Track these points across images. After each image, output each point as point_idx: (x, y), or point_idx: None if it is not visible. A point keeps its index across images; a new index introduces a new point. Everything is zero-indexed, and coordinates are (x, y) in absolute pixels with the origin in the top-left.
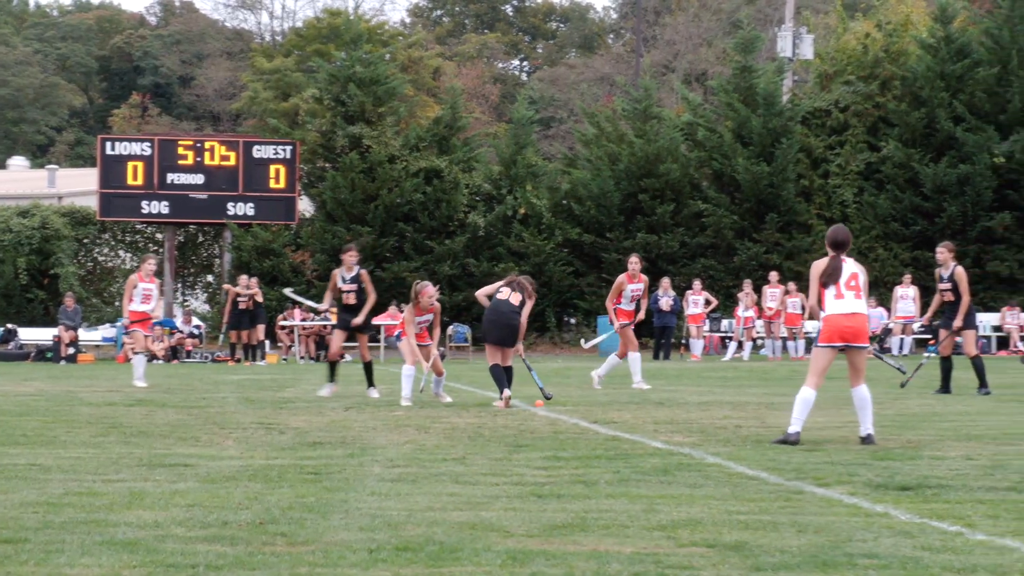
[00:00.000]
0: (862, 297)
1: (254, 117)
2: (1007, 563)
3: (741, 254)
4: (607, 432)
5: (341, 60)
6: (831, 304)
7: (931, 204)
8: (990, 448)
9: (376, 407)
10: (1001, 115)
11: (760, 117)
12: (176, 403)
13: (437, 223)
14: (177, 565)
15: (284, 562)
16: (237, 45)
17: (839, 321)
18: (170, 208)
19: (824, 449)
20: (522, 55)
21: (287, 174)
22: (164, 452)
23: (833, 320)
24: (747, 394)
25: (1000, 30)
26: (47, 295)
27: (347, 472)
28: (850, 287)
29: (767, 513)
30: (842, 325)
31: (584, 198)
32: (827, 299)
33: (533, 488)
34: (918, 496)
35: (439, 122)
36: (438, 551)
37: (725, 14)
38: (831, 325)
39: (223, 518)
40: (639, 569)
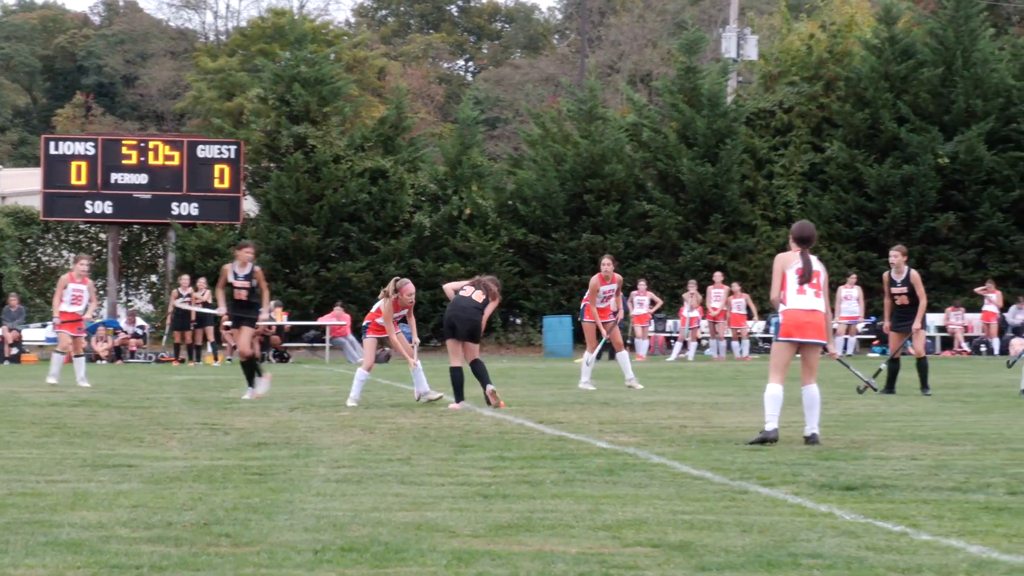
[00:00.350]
0: (821, 296)
1: (198, 117)
2: (952, 563)
3: (686, 255)
4: (553, 432)
5: (286, 60)
6: (792, 298)
7: (875, 205)
8: (934, 448)
9: (321, 407)
10: (945, 116)
11: (704, 118)
12: (120, 404)
13: (382, 223)
14: (121, 566)
15: (229, 563)
16: (181, 45)
17: (799, 316)
18: (114, 208)
19: (768, 449)
20: (467, 55)
21: (231, 174)
22: (108, 453)
23: (793, 315)
24: (692, 394)
25: (944, 31)
26: None
27: (292, 473)
28: (812, 284)
29: (712, 513)
30: (802, 320)
31: (529, 198)
32: (789, 293)
33: (479, 488)
34: (863, 496)
35: (384, 122)
36: (383, 552)
37: (670, 15)
38: (791, 319)
39: (167, 519)
40: (584, 569)
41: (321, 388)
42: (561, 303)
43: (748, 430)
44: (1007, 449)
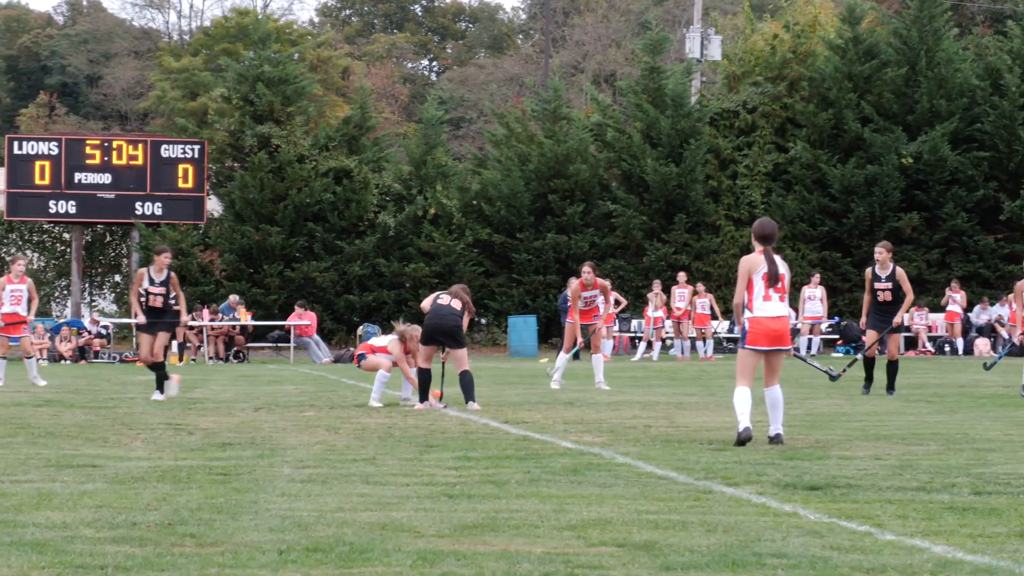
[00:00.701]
0: (786, 300)
1: (162, 116)
2: (916, 563)
3: (650, 255)
4: (517, 432)
5: (249, 60)
6: (759, 305)
7: (839, 205)
8: (899, 448)
9: (286, 407)
10: (909, 116)
11: (668, 118)
12: (84, 404)
13: (347, 223)
14: (86, 566)
15: (193, 563)
16: (145, 44)
17: (767, 324)
18: (77, 208)
19: (732, 449)
20: (431, 55)
21: (195, 174)
22: (72, 453)
23: (761, 323)
24: (656, 394)
25: (908, 31)
26: None
27: (257, 473)
28: (777, 289)
29: (676, 513)
30: (769, 328)
31: (494, 198)
32: (755, 299)
33: (443, 488)
34: (827, 496)
35: (348, 122)
36: (348, 552)
37: (633, 15)
38: (759, 328)
39: (132, 519)
40: (549, 569)
41: (286, 388)
42: (526, 303)
43: (713, 430)
44: (971, 449)
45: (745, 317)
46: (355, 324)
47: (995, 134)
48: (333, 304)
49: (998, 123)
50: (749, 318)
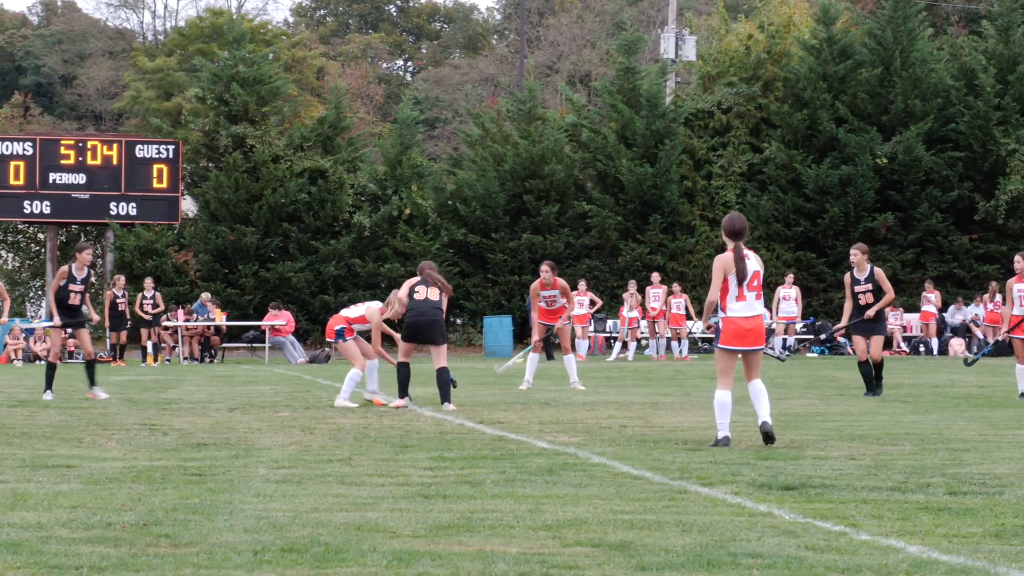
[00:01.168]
0: (761, 297)
1: (136, 117)
2: (891, 563)
3: (625, 255)
4: (493, 432)
5: (224, 60)
6: (732, 305)
7: (813, 205)
8: (873, 448)
9: (261, 408)
10: (883, 116)
11: (643, 119)
12: (58, 404)
13: (322, 223)
14: (61, 566)
15: (168, 564)
16: (119, 44)
17: (741, 325)
18: (52, 208)
19: (708, 449)
20: (406, 55)
21: (170, 174)
22: (47, 453)
23: (735, 324)
24: (632, 394)
25: (883, 31)
26: None
27: (231, 473)
28: (752, 287)
29: (652, 513)
30: (743, 329)
31: (469, 199)
32: (728, 299)
33: (419, 489)
34: (802, 496)
35: (323, 122)
36: (324, 552)
37: (608, 15)
38: (732, 328)
39: (107, 519)
40: (524, 569)
41: (261, 389)
42: (501, 303)
43: (688, 430)
44: (946, 449)
45: (719, 317)
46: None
47: (970, 134)
48: (308, 304)
49: (973, 123)
50: (723, 318)
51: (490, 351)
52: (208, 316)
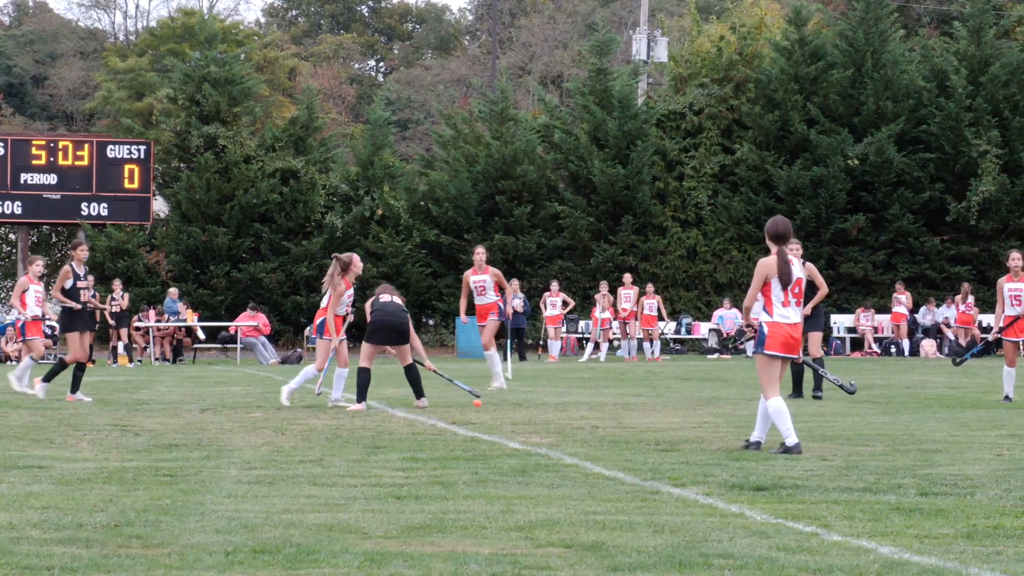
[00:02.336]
0: (801, 305)
1: (108, 117)
2: (863, 564)
3: (597, 256)
4: (465, 433)
5: (195, 60)
6: (779, 310)
7: (785, 206)
8: (845, 449)
9: (233, 408)
10: (855, 117)
11: (615, 120)
12: (30, 405)
13: (294, 224)
14: (32, 567)
15: (140, 564)
16: (91, 45)
17: (787, 331)
18: (23, 208)
19: (680, 450)
20: (378, 56)
21: (141, 174)
22: (18, 454)
23: (782, 329)
24: (604, 395)
25: (854, 32)
26: None
27: (203, 474)
28: (795, 294)
29: (624, 513)
30: (788, 335)
31: (442, 199)
32: (774, 303)
33: (391, 490)
34: (773, 496)
35: (295, 122)
36: (296, 553)
37: (580, 17)
38: (779, 334)
39: (78, 520)
40: (497, 570)
41: (232, 389)
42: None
43: (660, 431)
44: (918, 450)
45: (764, 321)
46: (302, 325)
47: (941, 135)
48: (280, 305)
49: (944, 124)
50: (768, 323)
51: (463, 352)
52: (179, 316)
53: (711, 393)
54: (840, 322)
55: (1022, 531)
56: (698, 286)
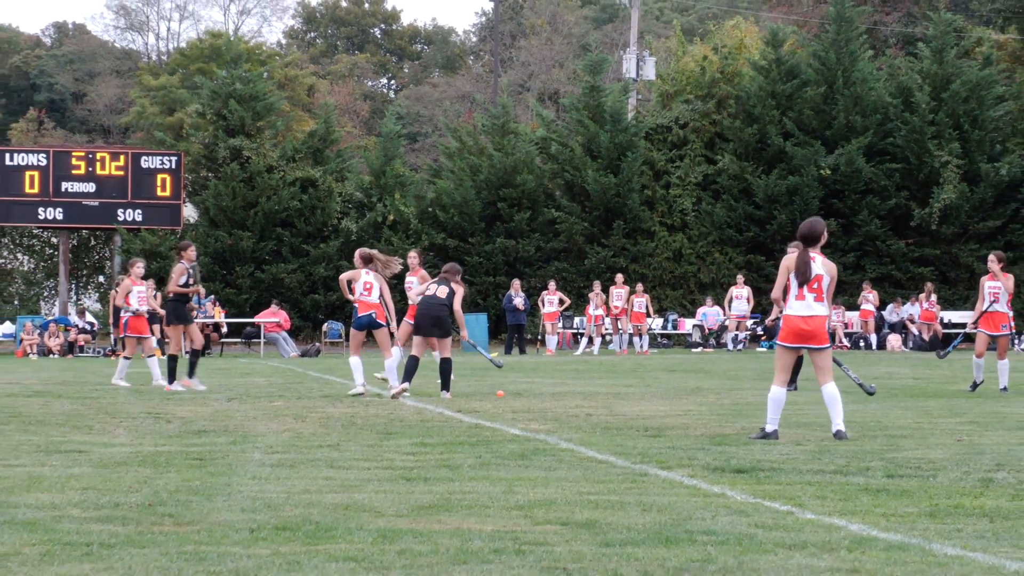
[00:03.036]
0: (823, 300)
1: (142, 130)
2: (834, 540)
3: (591, 258)
4: (470, 420)
5: (222, 78)
6: (791, 304)
7: (763, 213)
8: (818, 434)
9: (256, 398)
10: (827, 131)
11: (608, 133)
12: (71, 394)
13: (313, 228)
14: (73, 543)
15: (172, 540)
16: (126, 64)
17: (796, 323)
18: (64, 214)
19: (666, 435)
20: (390, 74)
21: (173, 183)
22: (60, 439)
23: (791, 321)
24: (597, 385)
25: (827, 53)
26: None
27: (230, 458)
28: (812, 289)
29: (615, 494)
30: (798, 327)
31: (448, 206)
32: (789, 298)
33: (402, 472)
34: (752, 478)
35: (314, 135)
36: (314, 530)
37: (575, 38)
38: (788, 325)
39: (115, 500)
40: (499, 546)
41: (256, 380)
42: (478, 302)
43: (649, 418)
44: (884, 436)
45: (782, 313)
46: (320, 321)
47: (906, 147)
48: (300, 303)
49: (909, 137)
50: (783, 316)
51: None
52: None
53: (695, 383)
54: None
55: (980, 510)
56: (683, 286)
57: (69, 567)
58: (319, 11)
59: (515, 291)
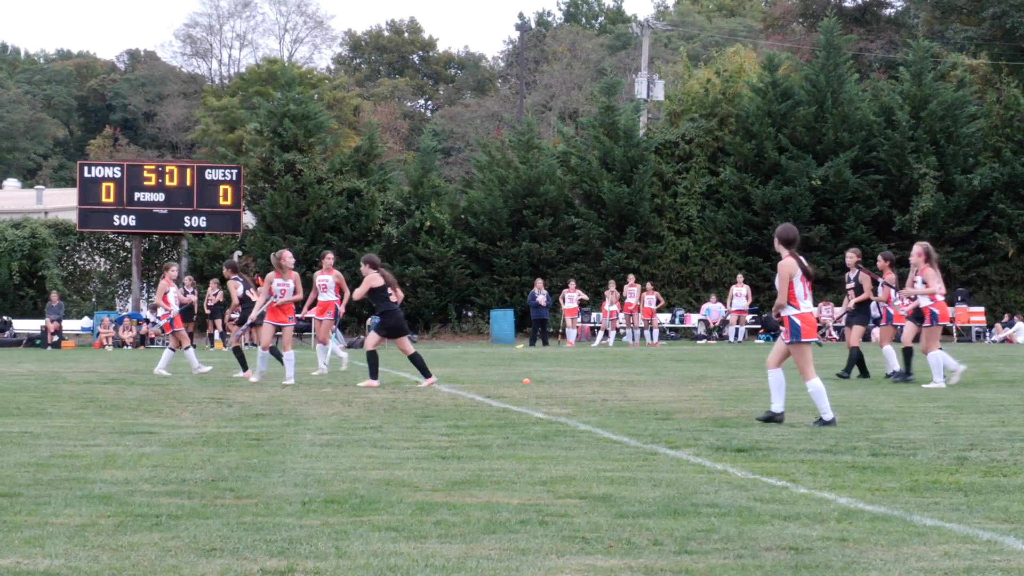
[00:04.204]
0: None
1: (206, 146)
2: (825, 511)
3: (606, 259)
4: (498, 405)
5: (278, 99)
6: (804, 303)
7: (760, 219)
8: (810, 418)
9: (308, 386)
10: (818, 146)
11: (621, 148)
12: (142, 382)
13: (357, 233)
14: (144, 515)
15: (232, 512)
16: (192, 87)
17: (811, 319)
18: (137, 221)
19: (674, 418)
20: (427, 96)
21: (233, 193)
22: (133, 422)
23: (808, 318)
24: (612, 374)
25: (817, 76)
26: (36, 292)
27: (284, 438)
28: (809, 287)
29: (628, 471)
30: (812, 322)
31: (479, 213)
32: (798, 296)
33: (438, 451)
34: (751, 457)
35: (359, 150)
36: (359, 503)
37: (592, 63)
38: (808, 321)
39: (181, 476)
40: (524, 517)
41: (307, 369)
42: (505, 299)
43: (659, 403)
44: (870, 419)
45: (793, 314)
46: (364, 316)
47: (888, 160)
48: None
49: (891, 151)
50: (798, 315)
51: (496, 339)
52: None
53: (700, 372)
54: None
55: (956, 485)
56: (689, 284)
57: (140, 536)
58: (364, 40)
59: (538, 289)
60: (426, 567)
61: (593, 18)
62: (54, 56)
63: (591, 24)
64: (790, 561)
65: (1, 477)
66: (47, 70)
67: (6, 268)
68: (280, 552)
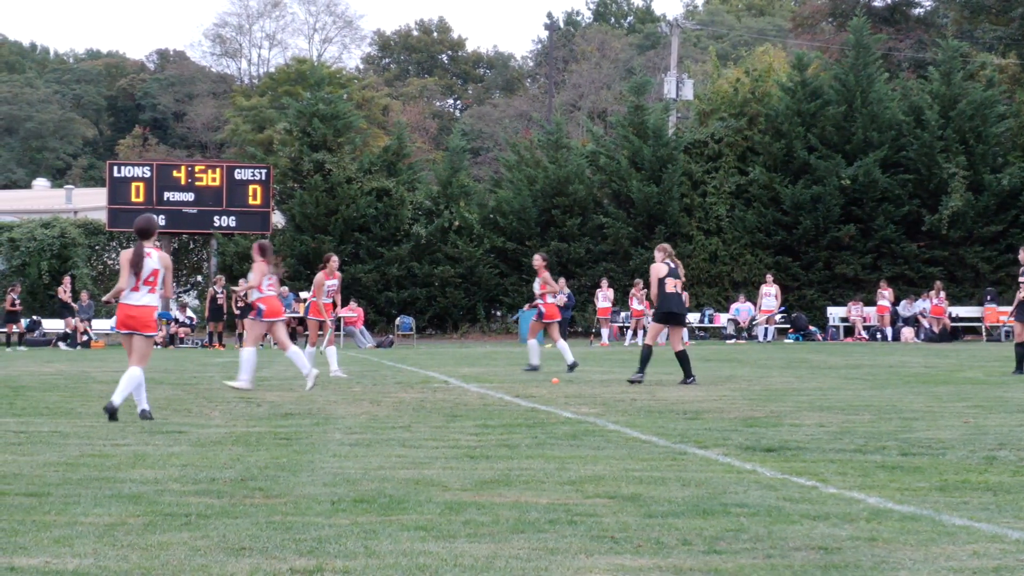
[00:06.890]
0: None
1: (235, 146)
2: (854, 511)
3: (635, 259)
4: (527, 404)
5: (307, 99)
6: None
7: (789, 218)
8: (839, 417)
9: (336, 384)
10: (847, 145)
11: (650, 147)
12: (172, 381)
13: (387, 233)
14: (173, 514)
15: (262, 511)
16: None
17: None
18: (166, 221)
19: (703, 418)
20: (455, 95)
21: (263, 193)
22: (162, 421)
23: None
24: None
25: (847, 75)
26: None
27: (313, 438)
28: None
29: (657, 470)
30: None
31: (507, 212)
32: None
33: (466, 450)
34: (780, 456)
35: (388, 150)
36: (388, 502)
37: (621, 63)
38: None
39: (211, 475)
40: (553, 516)
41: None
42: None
43: (687, 402)
44: (899, 418)
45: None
46: (393, 316)
47: (917, 160)
48: (375, 300)
49: (920, 151)
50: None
51: (524, 338)
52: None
53: (729, 372)
54: (835, 313)
55: (985, 485)
56: (718, 284)
57: (169, 535)
58: (393, 39)
59: (560, 288)
60: (455, 567)
61: (622, 17)
62: (83, 56)
63: (620, 23)
64: (819, 561)
65: (31, 476)
66: (76, 70)
67: (35, 268)
68: (309, 551)
